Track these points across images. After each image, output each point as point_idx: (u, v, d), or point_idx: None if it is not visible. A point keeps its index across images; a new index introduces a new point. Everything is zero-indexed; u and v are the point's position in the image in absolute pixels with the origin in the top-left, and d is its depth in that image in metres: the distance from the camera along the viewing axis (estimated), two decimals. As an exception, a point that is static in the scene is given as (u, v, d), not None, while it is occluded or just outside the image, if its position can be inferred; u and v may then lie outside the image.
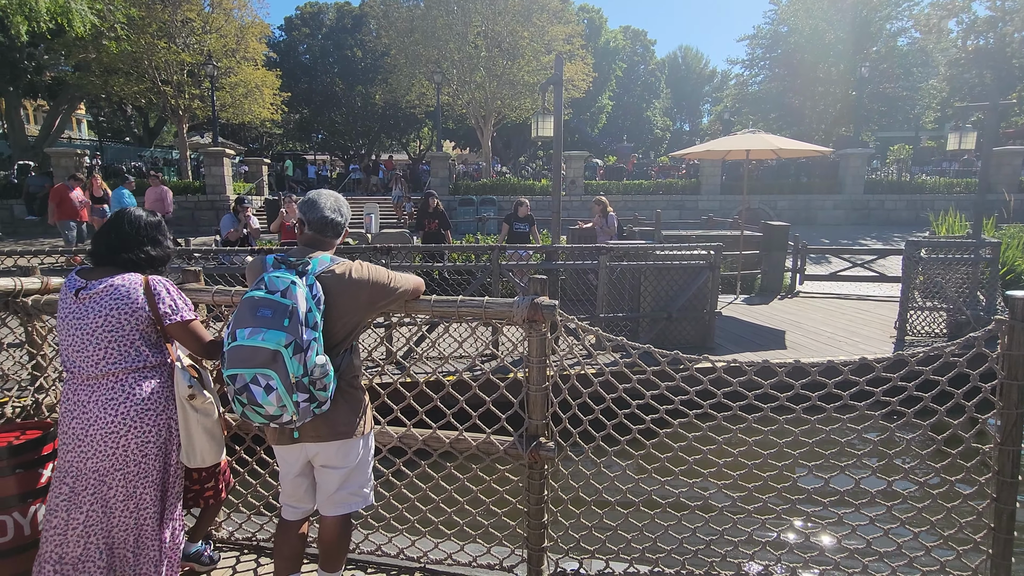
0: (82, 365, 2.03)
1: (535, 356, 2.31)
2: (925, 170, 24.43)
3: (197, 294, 2.47)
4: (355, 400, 2.10)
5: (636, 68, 45.19)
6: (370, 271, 2.06)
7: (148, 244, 2.16)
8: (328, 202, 2.08)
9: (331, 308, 1.97)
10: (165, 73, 18.70)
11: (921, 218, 20.28)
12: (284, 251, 2.07)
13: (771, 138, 9.03)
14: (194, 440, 2.14)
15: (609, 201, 9.52)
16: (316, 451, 2.08)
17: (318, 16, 39.21)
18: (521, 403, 2.42)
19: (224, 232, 8.23)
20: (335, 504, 2.14)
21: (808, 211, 20.60)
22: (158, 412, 2.09)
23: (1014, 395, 2.13)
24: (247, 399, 1.83)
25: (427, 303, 2.28)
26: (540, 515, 2.44)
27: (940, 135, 38.74)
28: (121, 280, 2.08)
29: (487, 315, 2.29)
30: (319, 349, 1.88)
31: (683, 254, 6.55)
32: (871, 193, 20.81)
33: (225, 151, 18.11)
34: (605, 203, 9.44)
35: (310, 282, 1.92)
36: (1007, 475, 2.19)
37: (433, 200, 9.31)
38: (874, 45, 24.11)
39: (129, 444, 2.03)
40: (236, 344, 1.82)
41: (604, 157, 35.01)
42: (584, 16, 37.11)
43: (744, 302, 9.57)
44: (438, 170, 19.91)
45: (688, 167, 24.10)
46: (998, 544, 2.22)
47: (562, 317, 2.37)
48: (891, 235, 17.58)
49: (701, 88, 58.22)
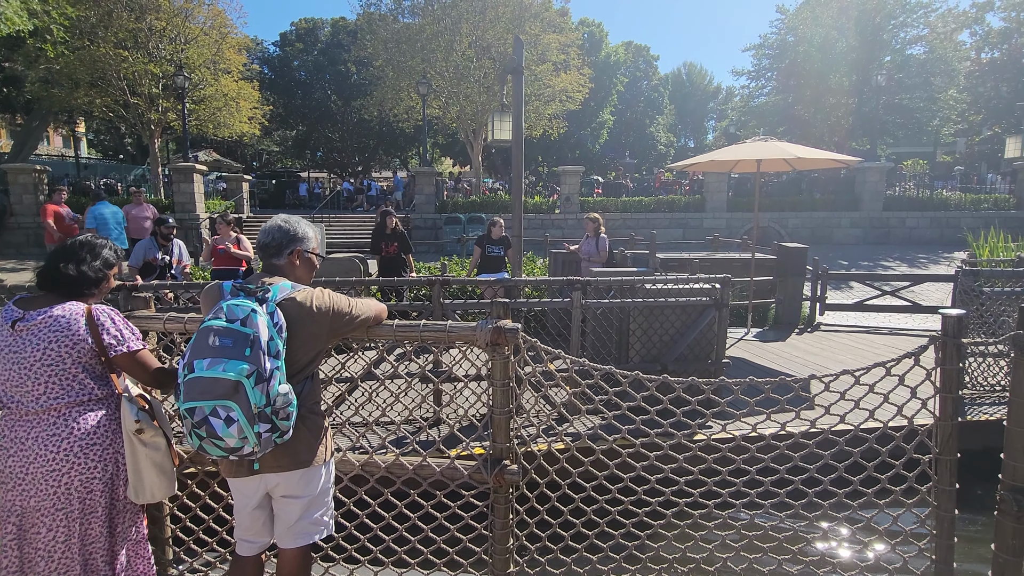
0: (21, 400, 1.96)
1: (499, 379, 2.31)
2: (948, 184, 22.98)
3: (147, 322, 2.38)
4: (316, 426, 2.07)
5: (639, 83, 44.40)
6: (332, 299, 2.05)
7: (73, 262, 2.07)
8: (266, 226, 2.08)
9: (293, 336, 1.94)
10: (138, 85, 17.68)
11: (947, 237, 18.77)
12: (242, 278, 2.12)
13: (787, 146, 7.66)
14: (143, 475, 2.06)
15: (606, 220, 8.15)
16: (277, 481, 2.02)
17: (313, 32, 38.67)
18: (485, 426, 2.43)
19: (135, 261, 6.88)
20: (295, 535, 2.09)
21: (822, 230, 19.15)
22: (104, 447, 2.03)
23: (948, 407, 2.28)
24: (206, 432, 1.76)
25: (389, 328, 2.28)
26: (505, 540, 2.44)
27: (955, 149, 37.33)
28: (61, 310, 2.01)
29: (450, 338, 2.30)
30: (282, 378, 1.85)
31: (681, 288, 5.15)
32: (891, 210, 19.35)
33: (196, 167, 16.97)
34: (599, 222, 8.08)
35: (271, 309, 1.88)
36: (945, 483, 2.32)
37: (391, 219, 7.98)
38: (887, 54, 22.84)
39: (72, 482, 1.97)
40: (194, 376, 1.76)
41: (607, 173, 33.87)
42: (585, 30, 36.30)
43: (757, 337, 8.13)
44: (424, 186, 18.68)
45: (692, 182, 22.75)
46: (940, 550, 2.34)
47: (526, 341, 2.37)
48: (916, 256, 16.09)
49: (706, 104, 57.51)
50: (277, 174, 32.47)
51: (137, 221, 11.00)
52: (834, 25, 22.67)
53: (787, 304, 9.06)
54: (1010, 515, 2.16)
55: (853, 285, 11.64)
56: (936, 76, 22.84)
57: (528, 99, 20.43)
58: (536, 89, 20.12)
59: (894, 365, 2.37)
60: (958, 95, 23.91)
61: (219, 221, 7.66)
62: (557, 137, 23.81)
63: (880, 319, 9.41)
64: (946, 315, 2.26)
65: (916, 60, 23.16)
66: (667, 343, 5.19)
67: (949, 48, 23.39)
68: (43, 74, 16.51)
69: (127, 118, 18.51)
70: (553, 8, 21.65)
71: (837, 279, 10.12)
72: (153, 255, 6.99)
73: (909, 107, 23.05)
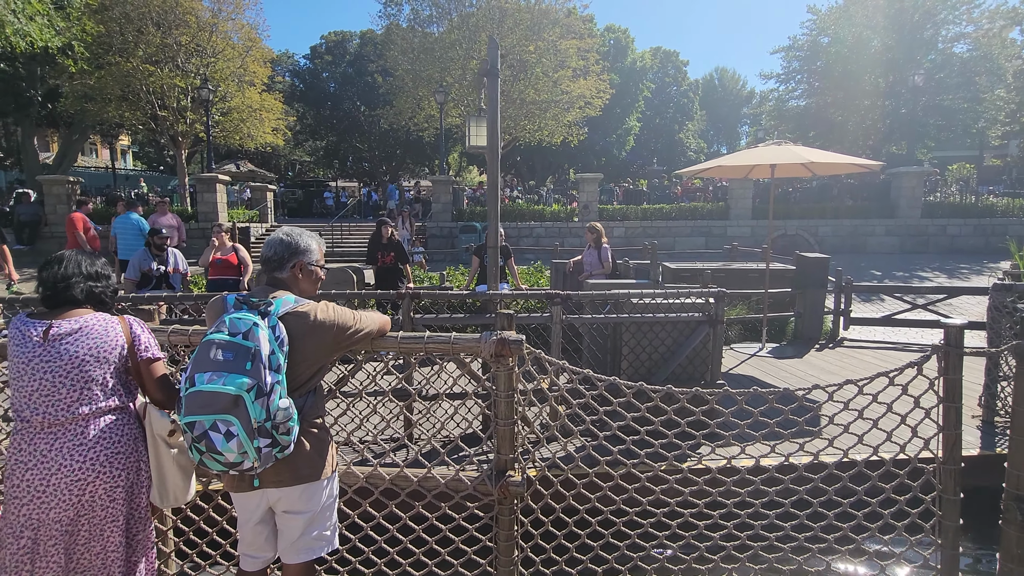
0: (48, 410, 1.97)
1: (503, 390, 2.33)
2: (994, 189, 21.62)
3: (155, 334, 2.34)
4: (318, 441, 2.04)
5: (668, 89, 43.72)
6: (336, 312, 2.04)
7: (91, 280, 2.12)
8: (270, 239, 2.09)
9: (295, 350, 1.93)
10: (166, 98, 18.21)
11: (991, 245, 17.60)
12: (246, 291, 2.23)
13: (801, 150, 7.18)
14: (167, 480, 2.08)
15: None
16: (278, 496, 2.00)
17: (342, 44, 39.46)
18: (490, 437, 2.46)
19: (132, 273, 6.88)
20: (298, 551, 2.05)
21: (856, 238, 18.21)
22: (127, 454, 2.05)
23: (952, 416, 2.35)
24: (206, 446, 1.76)
25: (394, 340, 2.28)
26: (510, 551, 2.44)
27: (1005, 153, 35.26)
28: (96, 319, 2.06)
29: (454, 350, 2.31)
30: (282, 392, 1.84)
31: (671, 303, 4.78)
32: (930, 217, 18.27)
33: (218, 177, 17.33)
34: (600, 232, 7.73)
35: (273, 323, 1.88)
36: (950, 492, 2.37)
37: (387, 229, 7.83)
38: (928, 53, 21.66)
39: (97, 490, 1.98)
40: (195, 389, 1.77)
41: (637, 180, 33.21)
42: (611, 36, 35.96)
43: (771, 353, 7.63)
44: (440, 194, 18.62)
45: (715, 189, 22.04)
46: (945, 560, 2.37)
47: (529, 351, 2.38)
48: (957, 266, 15.10)
49: (739, 110, 56.31)
50: (306, 183, 33.16)
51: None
52: (869, 24, 21.66)
53: (807, 318, 8.51)
54: (1014, 524, 2.19)
55: (885, 298, 10.91)
56: (981, 75, 21.53)
57: (547, 105, 20.22)
58: (554, 95, 19.87)
59: (897, 375, 2.41)
60: (1006, 95, 22.47)
61: (215, 230, 7.62)
62: (579, 144, 23.46)
63: (911, 335, 8.75)
64: (948, 325, 2.33)
65: (959, 59, 21.90)
66: (658, 361, 4.84)
67: (996, 46, 22.05)
68: (78, 89, 17.14)
69: (156, 130, 19.08)
70: (578, 15, 21.43)
71: (864, 291, 9.49)
72: (148, 266, 6.98)
73: (951, 108, 21.78)
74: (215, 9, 18.10)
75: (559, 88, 19.80)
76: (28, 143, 21.60)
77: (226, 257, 7.56)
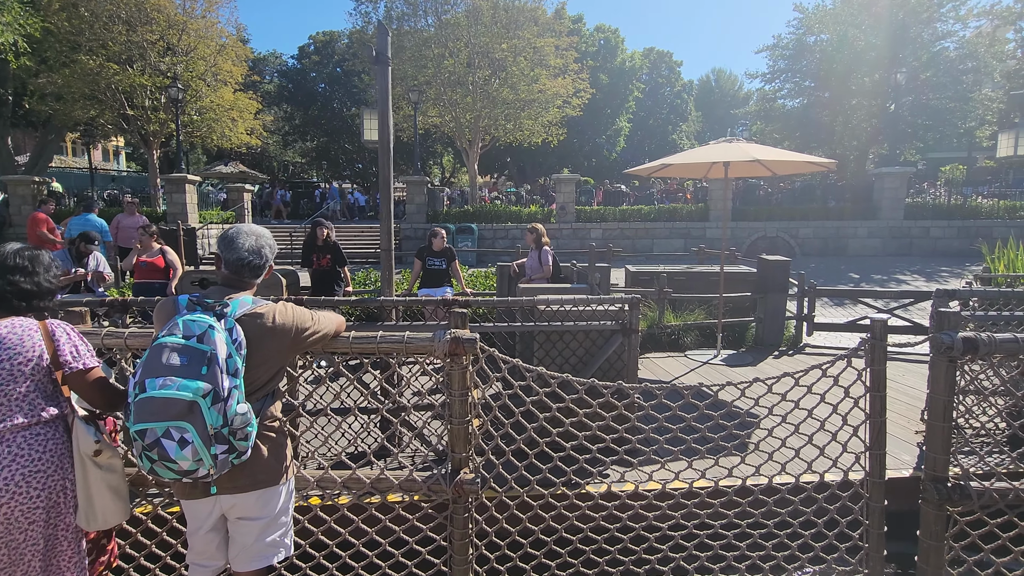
0: None
1: (457, 389, 2.31)
2: (981, 191, 21.24)
3: (109, 338, 2.28)
4: (275, 444, 1.98)
5: (661, 90, 43.34)
6: (294, 314, 1.98)
7: (18, 274, 1.93)
8: (247, 242, 1.98)
9: (253, 353, 1.86)
10: (135, 97, 17.89)
11: (976, 248, 17.24)
12: (200, 291, 1.98)
13: (752, 148, 6.81)
14: (94, 501, 1.93)
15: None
16: (232, 503, 1.93)
17: (330, 44, 39.20)
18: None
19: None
20: (251, 558, 1.98)
21: (838, 240, 17.86)
22: (48, 474, 1.88)
23: (877, 405, 2.49)
24: (158, 454, 1.68)
25: (346, 340, 2.25)
26: (465, 551, 2.43)
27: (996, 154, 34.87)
28: (11, 325, 1.88)
29: (408, 350, 2.28)
30: (240, 397, 1.77)
31: (582, 311, 4.43)
32: (913, 219, 17.91)
33: (187, 177, 16.99)
34: (540, 232, 7.40)
35: (230, 325, 1.81)
36: (876, 476, 2.50)
37: (323, 231, 7.47)
38: (914, 51, 21.29)
39: (12, 512, 1.82)
40: (145, 395, 1.68)
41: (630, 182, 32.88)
42: (600, 36, 35.64)
43: (724, 361, 7.29)
44: (414, 196, 18.28)
45: (695, 190, 21.66)
46: (873, 562, 2.50)
47: (484, 351, 2.42)
48: (937, 269, 14.73)
49: (736, 110, 55.89)
50: (295, 185, 33.07)
51: (128, 231, 10.81)
52: (854, 22, 21.30)
53: (768, 323, 8.19)
54: (932, 503, 2.31)
55: (858, 302, 10.57)
56: (968, 75, 21.16)
57: (524, 105, 19.87)
58: (531, 94, 19.52)
59: (829, 366, 2.57)
60: (993, 94, 22.09)
61: (142, 233, 7.32)
62: (569, 145, 23.12)
63: (875, 341, 8.40)
64: (874, 319, 2.51)
65: (945, 57, 21.53)
66: (569, 372, 4.49)
67: (983, 44, 21.66)
68: (43, 87, 16.83)
69: (127, 130, 18.76)
70: (566, 13, 21.09)
71: (827, 295, 9.14)
72: (66, 268, 6.68)
73: (938, 108, 21.41)
74: (186, 7, 17.78)
75: (535, 87, 19.46)
76: (2, 144, 21.29)
77: (152, 260, 7.23)
